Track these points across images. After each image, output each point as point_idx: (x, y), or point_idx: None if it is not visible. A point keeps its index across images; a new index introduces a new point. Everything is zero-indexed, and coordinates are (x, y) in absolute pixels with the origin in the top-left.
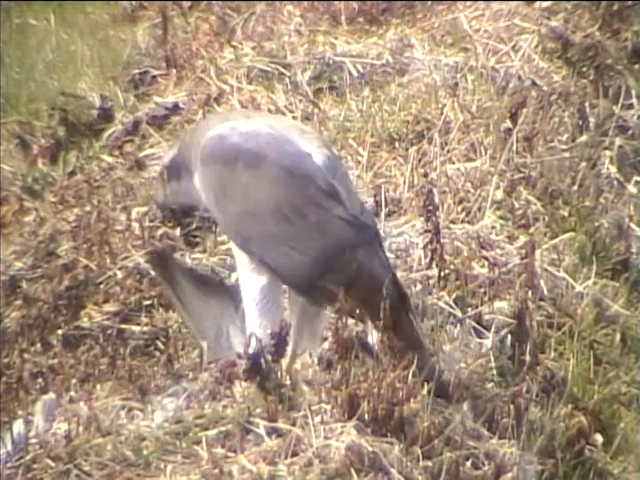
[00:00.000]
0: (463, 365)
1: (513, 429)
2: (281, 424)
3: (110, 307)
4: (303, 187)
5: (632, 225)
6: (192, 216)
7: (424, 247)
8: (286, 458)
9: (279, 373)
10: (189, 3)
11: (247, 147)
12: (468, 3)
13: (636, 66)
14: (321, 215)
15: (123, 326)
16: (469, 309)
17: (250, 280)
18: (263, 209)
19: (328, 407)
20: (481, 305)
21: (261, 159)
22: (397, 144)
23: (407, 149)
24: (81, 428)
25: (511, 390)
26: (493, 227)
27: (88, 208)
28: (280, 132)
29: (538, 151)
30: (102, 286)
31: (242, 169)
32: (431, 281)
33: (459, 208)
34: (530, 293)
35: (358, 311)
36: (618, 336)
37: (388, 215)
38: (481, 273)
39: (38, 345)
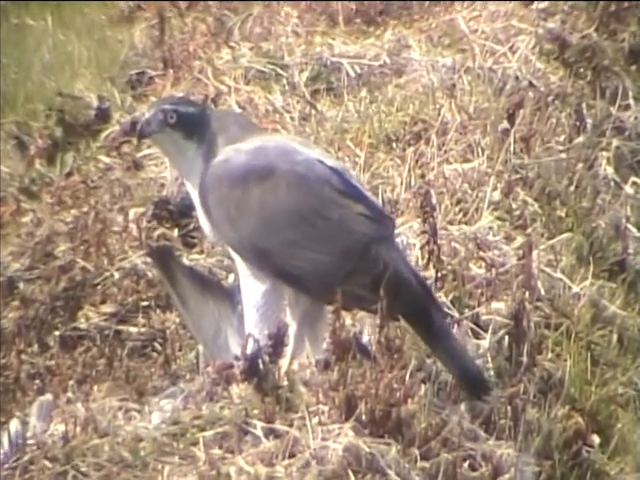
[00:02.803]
0: None
1: (510, 430)
2: (278, 425)
3: (107, 308)
4: (320, 190)
5: (629, 226)
6: (190, 217)
7: (421, 248)
8: (283, 459)
9: (276, 374)
10: (186, 4)
11: (255, 163)
12: (465, 4)
13: (633, 67)
14: (342, 213)
15: (120, 327)
16: (466, 310)
17: (252, 286)
18: (282, 218)
19: (325, 408)
20: (478, 306)
21: (272, 171)
22: (394, 145)
23: (404, 150)
24: (78, 429)
25: (508, 391)
26: (490, 228)
27: (85, 209)
28: (285, 144)
29: (535, 152)
30: (99, 287)
31: (254, 184)
32: (428, 282)
33: (456, 209)
34: (527, 294)
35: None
36: (615, 337)
37: None
38: (478, 274)
39: (35, 346)
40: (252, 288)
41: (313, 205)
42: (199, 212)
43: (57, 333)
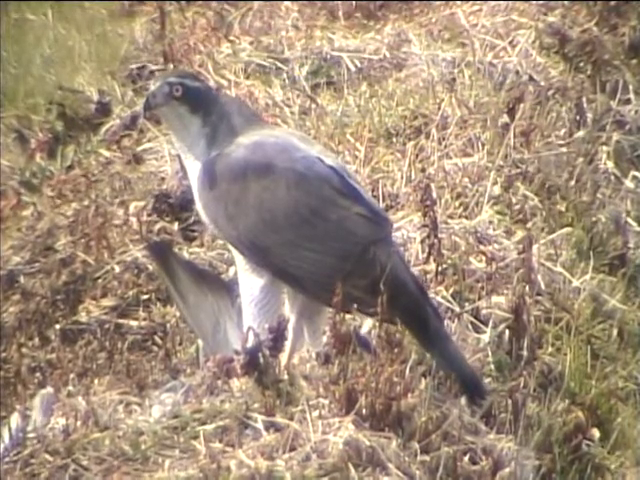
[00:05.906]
0: None
1: (511, 424)
2: (279, 419)
3: (108, 302)
4: (319, 189)
5: (629, 220)
6: (190, 210)
7: (422, 242)
8: (284, 453)
9: (277, 368)
10: None
11: (255, 158)
12: None
13: (633, 61)
14: (341, 214)
15: (121, 321)
16: (467, 304)
17: (250, 280)
18: (281, 216)
19: (326, 402)
20: (479, 300)
21: (271, 168)
22: (394, 139)
23: (405, 144)
24: (79, 423)
25: (509, 385)
26: (490, 222)
27: (86, 202)
28: (285, 140)
29: (535, 146)
30: (100, 281)
31: (253, 181)
32: (429, 276)
33: (457, 203)
34: (527, 288)
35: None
36: (615, 331)
37: (386, 210)
38: (478, 268)
39: (36, 340)
40: (250, 282)
41: (312, 204)
42: (197, 204)
43: (58, 327)
